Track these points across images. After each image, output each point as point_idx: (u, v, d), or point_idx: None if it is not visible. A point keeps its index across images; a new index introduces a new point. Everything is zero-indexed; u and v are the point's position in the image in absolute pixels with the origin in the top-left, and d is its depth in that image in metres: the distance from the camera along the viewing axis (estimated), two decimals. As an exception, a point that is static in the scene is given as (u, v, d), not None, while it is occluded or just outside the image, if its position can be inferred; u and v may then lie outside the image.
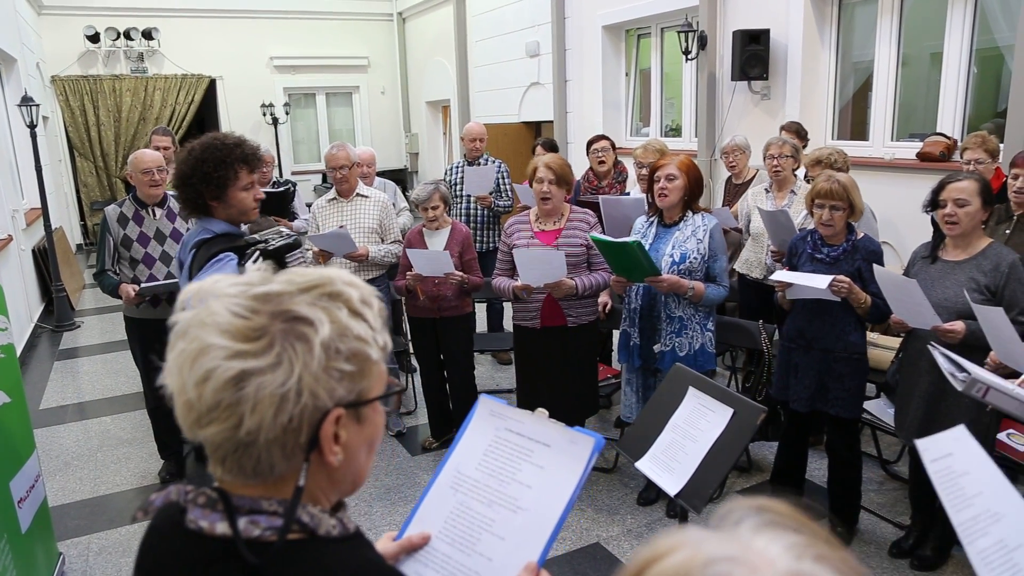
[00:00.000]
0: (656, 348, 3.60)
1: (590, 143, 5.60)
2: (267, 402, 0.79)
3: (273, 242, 2.70)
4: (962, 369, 2.38)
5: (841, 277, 3.19)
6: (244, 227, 2.74)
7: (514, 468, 1.19)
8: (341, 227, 4.36)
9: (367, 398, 0.89)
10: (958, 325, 2.92)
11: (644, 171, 4.66)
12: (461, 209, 5.84)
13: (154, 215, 4.07)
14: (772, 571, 0.52)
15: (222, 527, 0.85)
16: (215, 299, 0.83)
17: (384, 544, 1.16)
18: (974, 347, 2.88)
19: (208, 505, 0.87)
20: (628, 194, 5.28)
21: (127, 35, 11.49)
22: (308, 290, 0.85)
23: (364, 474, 0.96)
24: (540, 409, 1.23)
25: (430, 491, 1.23)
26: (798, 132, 5.24)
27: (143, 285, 3.92)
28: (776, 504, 0.58)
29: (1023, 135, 4.53)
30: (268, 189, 5.27)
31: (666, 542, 0.57)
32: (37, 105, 7.22)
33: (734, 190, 5.26)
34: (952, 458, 1.36)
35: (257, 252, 2.60)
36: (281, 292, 0.84)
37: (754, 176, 5.19)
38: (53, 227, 7.87)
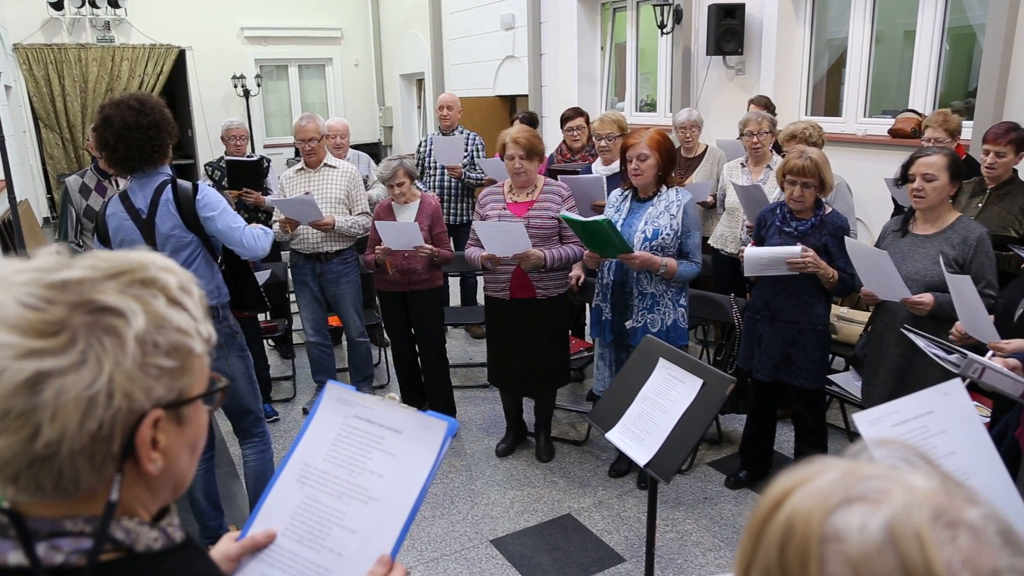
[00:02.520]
0: (628, 324, 3.60)
1: (565, 119, 5.56)
2: (71, 407, 0.69)
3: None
4: (949, 351, 2.43)
5: (807, 250, 3.22)
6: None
7: (364, 457, 1.14)
8: (307, 193, 4.30)
9: (189, 396, 0.80)
10: (926, 297, 2.97)
11: (604, 143, 4.64)
12: (435, 181, 5.79)
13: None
14: (924, 488, 0.55)
15: (16, 556, 0.73)
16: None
17: (226, 545, 1.09)
18: (941, 319, 2.93)
19: None
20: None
21: (92, 3, 11.16)
22: (116, 276, 0.74)
23: (187, 479, 0.87)
24: (391, 395, 1.19)
25: (274, 486, 1.16)
26: (766, 106, 5.24)
27: None
28: (901, 443, 0.62)
29: (993, 113, 4.58)
30: (240, 158, 5.19)
31: (812, 467, 0.59)
32: (-2, 73, 7.02)
33: (685, 164, 5.25)
34: (931, 416, 1.36)
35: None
36: (82, 279, 0.73)
37: (704, 151, 5.19)
38: (18, 199, 7.69)
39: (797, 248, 3.23)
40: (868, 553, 0.52)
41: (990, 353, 2.54)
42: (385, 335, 4.97)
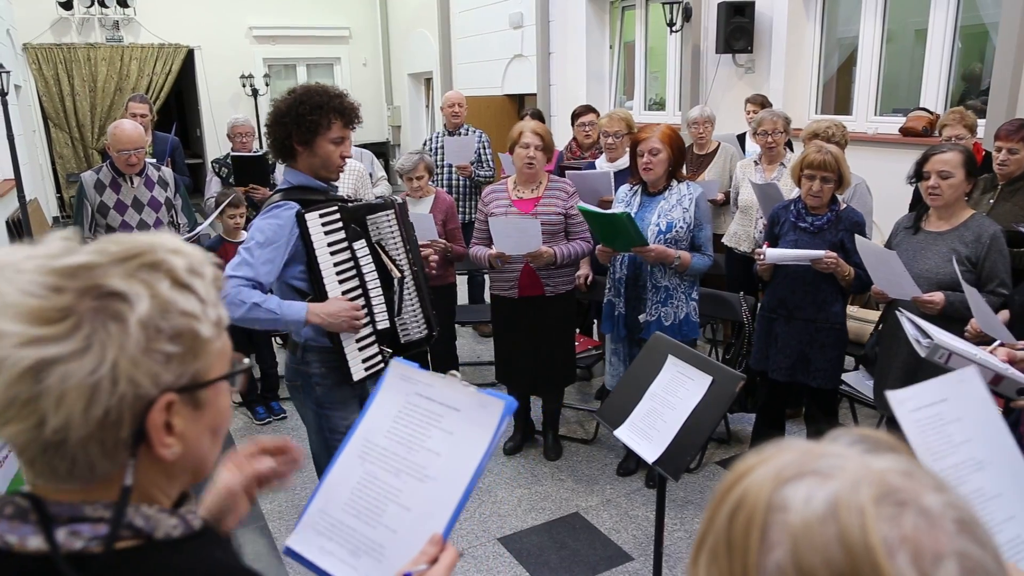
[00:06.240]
0: (641, 318, 3.58)
1: (576, 115, 5.54)
2: (75, 394, 0.69)
3: (356, 202, 2.57)
4: (927, 335, 2.38)
5: (831, 254, 3.20)
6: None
7: (423, 435, 1.15)
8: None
9: (204, 380, 0.78)
10: (937, 296, 2.93)
11: (611, 140, 4.62)
12: (443, 180, 5.79)
13: (132, 183, 3.98)
14: (879, 468, 0.55)
15: (35, 542, 0.73)
16: (4, 277, 0.71)
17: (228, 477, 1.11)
18: (953, 318, 2.89)
19: (17, 516, 0.74)
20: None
21: (101, 2, 11.21)
22: (124, 260, 0.73)
23: (210, 463, 0.86)
24: (452, 372, 1.22)
25: (337, 461, 1.19)
26: (762, 104, 5.21)
27: None
28: (878, 433, 0.61)
29: (1006, 110, 4.54)
30: (245, 154, 5.19)
31: (773, 448, 0.59)
32: (7, 72, 7.05)
33: (697, 161, 5.22)
34: (945, 403, 1.34)
35: (334, 208, 2.45)
36: (91, 264, 0.72)
37: (717, 148, 5.17)
38: (28, 199, 7.72)
39: (822, 252, 3.21)
40: (809, 523, 0.52)
41: (995, 342, 2.50)
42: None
